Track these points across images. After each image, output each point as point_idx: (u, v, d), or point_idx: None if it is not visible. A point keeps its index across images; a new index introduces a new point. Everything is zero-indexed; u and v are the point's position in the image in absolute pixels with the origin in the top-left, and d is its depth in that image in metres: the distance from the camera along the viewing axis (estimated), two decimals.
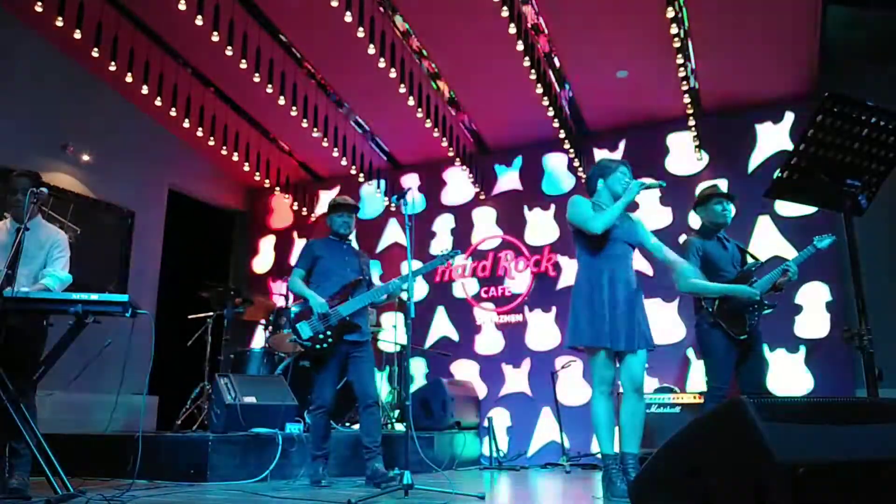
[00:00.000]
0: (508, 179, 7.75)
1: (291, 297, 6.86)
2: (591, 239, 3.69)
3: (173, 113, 6.61)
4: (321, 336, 4.36)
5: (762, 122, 6.71)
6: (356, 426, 5.94)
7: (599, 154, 7.36)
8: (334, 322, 4.37)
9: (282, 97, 6.36)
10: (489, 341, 7.38)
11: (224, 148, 7.30)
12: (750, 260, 4.35)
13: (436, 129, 6.90)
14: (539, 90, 6.10)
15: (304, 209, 8.58)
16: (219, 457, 4.42)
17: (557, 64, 6.40)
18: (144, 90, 6.31)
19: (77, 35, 5.69)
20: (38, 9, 5.41)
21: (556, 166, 7.53)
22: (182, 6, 5.37)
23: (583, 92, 6.80)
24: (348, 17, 5.40)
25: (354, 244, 4.94)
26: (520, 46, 5.62)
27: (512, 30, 5.43)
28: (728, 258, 4.25)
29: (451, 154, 7.29)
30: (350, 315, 4.40)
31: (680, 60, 5.75)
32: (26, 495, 3.35)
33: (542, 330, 7.17)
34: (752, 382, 4.15)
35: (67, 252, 3.84)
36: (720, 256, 4.23)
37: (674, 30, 5.42)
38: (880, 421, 1.87)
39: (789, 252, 6.27)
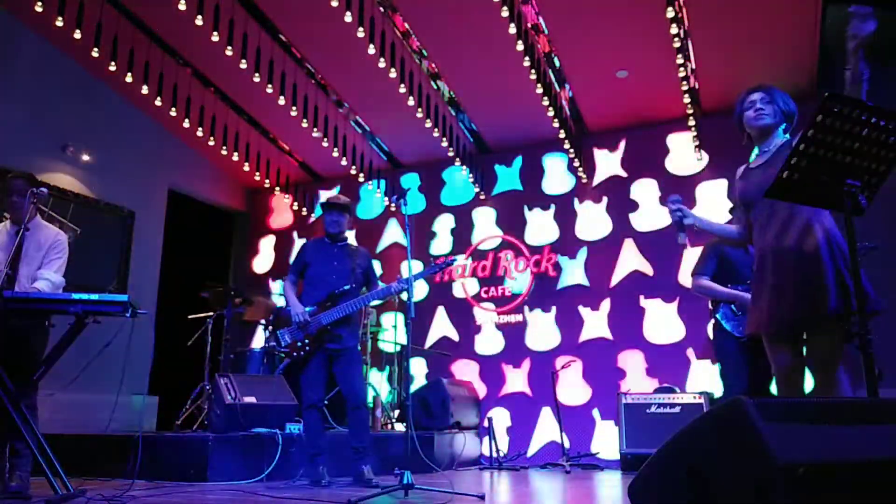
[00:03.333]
0: (508, 179, 7.75)
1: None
2: None
3: (173, 113, 6.61)
4: (299, 344, 4.40)
5: None
6: None
7: (599, 154, 7.36)
8: (313, 331, 4.40)
9: (282, 97, 6.37)
10: (489, 341, 7.39)
11: (224, 148, 7.30)
12: None
13: (436, 129, 6.90)
14: (539, 90, 6.10)
15: (304, 209, 8.58)
16: (219, 457, 4.42)
17: (557, 64, 6.40)
18: (144, 90, 6.31)
19: (77, 35, 5.68)
20: (38, 9, 5.41)
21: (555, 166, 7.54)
22: (182, 6, 5.37)
23: (583, 92, 6.80)
24: (348, 17, 5.40)
25: (353, 241, 4.93)
26: (520, 46, 5.62)
27: (512, 30, 5.43)
28: (750, 263, 4.21)
29: (451, 154, 7.29)
30: (331, 324, 4.41)
31: (680, 60, 5.75)
32: (26, 495, 3.36)
33: (542, 330, 7.17)
34: (756, 383, 4.16)
35: (65, 255, 3.84)
36: (742, 262, 4.12)
37: (674, 30, 5.42)
38: (880, 421, 1.87)
39: None
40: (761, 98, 3.03)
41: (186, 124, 6.75)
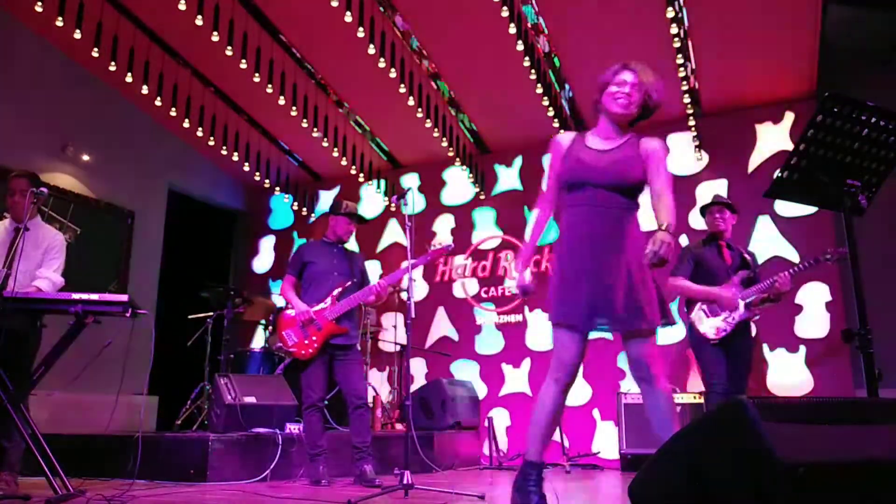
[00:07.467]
0: (508, 179, 7.75)
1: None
2: None
3: (173, 113, 6.61)
4: (306, 342, 4.40)
5: (762, 122, 6.71)
6: None
7: None
8: (319, 327, 4.40)
9: (282, 97, 6.36)
10: (489, 341, 7.38)
11: (224, 148, 7.30)
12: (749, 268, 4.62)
13: (436, 129, 6.90)
14: (539, 90, 6.09)
15: (304, 209, 8.58)
16: (219, 457, 4.42)
17: (557, 64, 6.40)
18: (144, 90, 6.30)
19: (77, 35, 5.68)
20: (38, 9, 5.41)
21: None
22: (182, 6, 5.37)
23: (583, 92, 6.80)
24: (348, 17, 5.40)
25: (353, 244, 4.96)
26: (520, 46, 5.61)
27: (512, 30, 5.43)
28: (724, 266, 4.54)
29: (451, 154, 7.29)
30: (336, 319, 4.43)
31: (680, 60, 5.75)
32: (18, 497, 3.34)
33: (543, 330, 7.17)
34: (731, 384, 4.35)
35: (63, 255, 3.84)
36: (716, 264, 4.53)
37: (674, 30, 5.42)
38: (880, 421, 1.87)
39: (789, 252, 6.27)
40: (633, 85, 2.82)
41: (186, 124, 6.74)
